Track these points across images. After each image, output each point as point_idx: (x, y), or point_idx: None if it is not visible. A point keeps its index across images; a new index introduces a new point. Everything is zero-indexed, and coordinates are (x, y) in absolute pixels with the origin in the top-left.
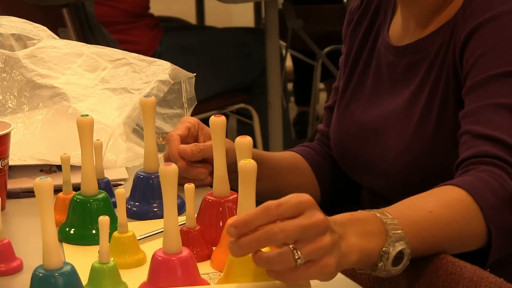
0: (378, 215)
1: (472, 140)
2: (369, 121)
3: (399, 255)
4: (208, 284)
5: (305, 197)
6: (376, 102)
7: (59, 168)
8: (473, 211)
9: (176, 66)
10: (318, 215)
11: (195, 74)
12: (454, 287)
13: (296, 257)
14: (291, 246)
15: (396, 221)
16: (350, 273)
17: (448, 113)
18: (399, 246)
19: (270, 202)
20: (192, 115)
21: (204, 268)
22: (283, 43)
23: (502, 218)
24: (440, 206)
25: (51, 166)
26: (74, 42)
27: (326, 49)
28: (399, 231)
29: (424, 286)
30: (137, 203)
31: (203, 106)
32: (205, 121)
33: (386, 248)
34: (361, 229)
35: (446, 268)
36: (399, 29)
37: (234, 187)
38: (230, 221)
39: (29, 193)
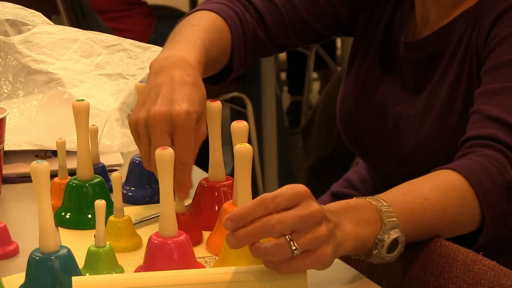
0: (374, 202)
1: (481, 120)
2: (389, 111)
3: (394, 242)
4: (204, 267)
5: (300, 187)
6: (397, 96)
7: (54, 153)
8: (469, 197)
9: None
10: (314, 206)
11: None
12: (448, 270)
13: (293, 248)
14: (287, 237)
15: (391, 209)
16: (344, 257)
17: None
18: (394, 234)
19: (266, 194)
20: None
21: (200, 252)
22: None
23: (497, 204)
24: (436, 193)
25: (46, 151)
26: (69, 27)
27: None
28: (394, 219)
29: (418, 269)
30: (132, 188)
31: None
32: None
33: (381, 236)
34: (356, 217)
35: (439, 251)
36: (414, 23)
37: None
38: (226, 205)
39: (24, 178)
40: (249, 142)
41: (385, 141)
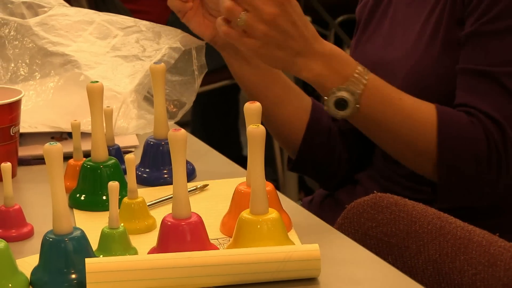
0: (359, 68)
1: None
2: (384, 61)
3: (342, 102)
4: (218, 249)
5: None
6: (392, 43)
7: (70, 135)
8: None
9: (186, 34)
10: (273, 9)
11: (206, 42)
12: (463, 252)
13: (239, 17)
14: (244, 11)
15: (365, 82)
16: (360, 239)
17: (454, 32)
18: (345, 94)
19: None
20: (204, 85)
21: (214, 234)
22: None
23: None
24: (412, 102)
25: (62, 133)
26: (85, 9)
27: (339, 18)
28: (358, 90)
29: (434, 251)
30: (147, 170)
31: (215, 76)
32: (215, 92)
33: (334, 90)
34: (333, 65)
35: (455, 232)
36: None
37: None
38: (239, 186)
39: (40, 160)
40: None
41: None
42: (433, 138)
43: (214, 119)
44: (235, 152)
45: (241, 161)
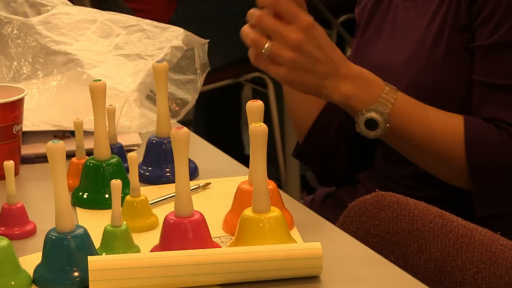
0: (387, 88)
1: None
2: (385, 66)
3: (372, 123)
4: (220, 247)
5: (308, 19)
6: (392, 47)
7: (73, 133)
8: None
9: (189, 32)
10: (298, 35)
11: (208, 40)
12: (465, 250)
13: (264, 48)
14: (269, 41)
15: (393, 101)
16: (361, 237)
17: (457, 39)
18: (374, 115)
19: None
20: (207, 83)
21: (216, 232)
22: None
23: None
24: (438, 119)
25: (64, 132)
26: (88, 8)
27: (342, 18)
28: (387, 110)
29: (435, 249)
30: (149, 168)
31: (218, 75)
32: (217, 91)
33: (363, 111)
34: (361, 86)
35: (457, 231)
36: None
37: None
38: (242, 184)
39: (42, 158)
40: (271, 121)
41: None
42: (461, 154)
43: (216, 118)
44: (238, 151)
45: (244, 160)
